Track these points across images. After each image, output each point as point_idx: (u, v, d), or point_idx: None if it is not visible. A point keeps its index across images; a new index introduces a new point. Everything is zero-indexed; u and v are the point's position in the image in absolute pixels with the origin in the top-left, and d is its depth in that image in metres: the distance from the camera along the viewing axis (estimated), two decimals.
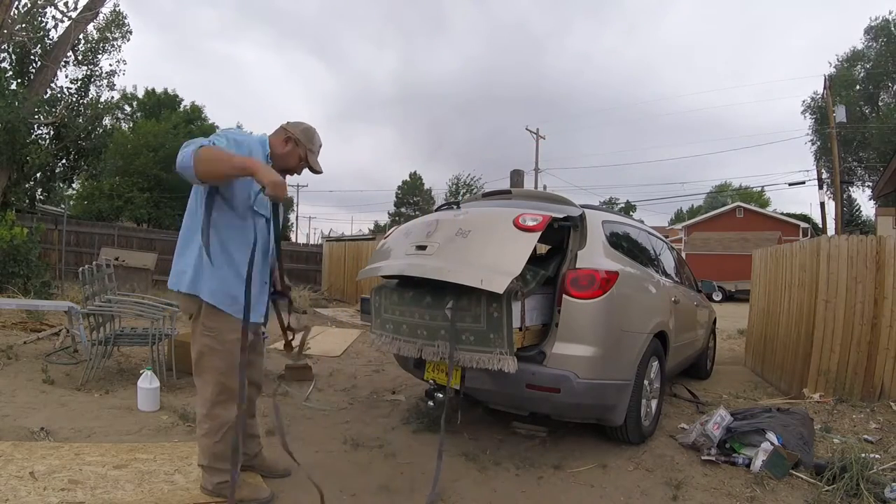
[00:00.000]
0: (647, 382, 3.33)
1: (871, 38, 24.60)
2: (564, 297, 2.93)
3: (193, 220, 2.15)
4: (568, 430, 3.43)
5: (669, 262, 4.67)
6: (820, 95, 22.71)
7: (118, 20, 12.64)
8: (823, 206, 19.33)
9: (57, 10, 11.03)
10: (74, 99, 12.19)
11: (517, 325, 2.75)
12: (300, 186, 37.97)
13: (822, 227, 20.12)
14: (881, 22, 24.10)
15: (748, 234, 24.03)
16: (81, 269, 4.30)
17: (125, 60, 12.86)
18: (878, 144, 23.24)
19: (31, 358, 4.48)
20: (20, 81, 11.28)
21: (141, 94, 24.83)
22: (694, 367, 5.29)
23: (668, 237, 6.13)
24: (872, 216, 24.14)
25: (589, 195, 36.73)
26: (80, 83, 12.31)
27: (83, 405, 3.46)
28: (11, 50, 11.07)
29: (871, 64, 24.55)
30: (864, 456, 2.77)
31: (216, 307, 2.14)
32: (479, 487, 2.65)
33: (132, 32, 12.95)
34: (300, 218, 41.69)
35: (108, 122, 13.61)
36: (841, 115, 19.15)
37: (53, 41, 11.34)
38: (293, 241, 30.23)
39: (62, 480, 2.31)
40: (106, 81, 12.75)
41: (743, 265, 14.33)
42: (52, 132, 11.65)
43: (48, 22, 11.20)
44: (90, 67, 12.45)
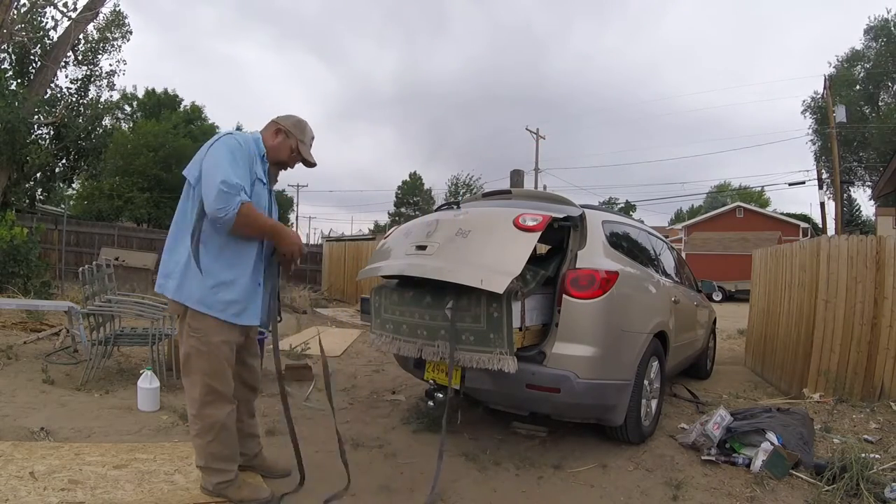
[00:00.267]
0: (647, 382, 3.33)
1: (870, 38, 24.61)
2: (564, 297, 2.93)
3: (184, 222, 2.15)
4: (568, 430, 3.43)
5: (669, 262, 4.67)
6: (820, 95, 22.72)
7: (118, 20, 12.66)
8: (823, 206, 19.35)
9: (57, 10, 11.05)
10: (74, 99, 12.20)
11: (517, 325, 2.75)
12: (300, 186, 38.02)
13: (822, 227, 20.13)
14: (881, 22, 24.12)
15: (748, 234, 24.03)
16: (81, 269, 4.30)
17: (125, 60, 12.90)
18: (878, 144, 23.25)
19: (31, 358, 4.48)
20: (20, 81, 11.29)
21: (141, 94, 24.88)
22: (694, 367, 5.29)
23: (668, 237, 6.13)
24: (872, 216, 24.20)
25: (589, 195, 36.78)
26: (80, 83, 12.32)
27: (83, 405, 3.46)
28: (11, 50, 11.07)
29: (871, 64, 24.55)
30: (864, 456, 2.77)
31: (201, 312, 2.14)
32: (479, 487, 2.65)
33: (132, 32, 12.98)
34: (300, 218, 41.74)
35: (108, 122, 13.63)
36: (841, 115, 19.15)
37: (53, 41, 11.35)
38: None
39: (62, 480, 2.31)
40: (106, 81, 12.78)
41: (743, 265, 14.33)
42: (52, 132, 11.66)
43: (48, 22, 11.23)
44: (90, 67, 12.46)
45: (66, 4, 11.03)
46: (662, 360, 3.62)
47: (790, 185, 20.77)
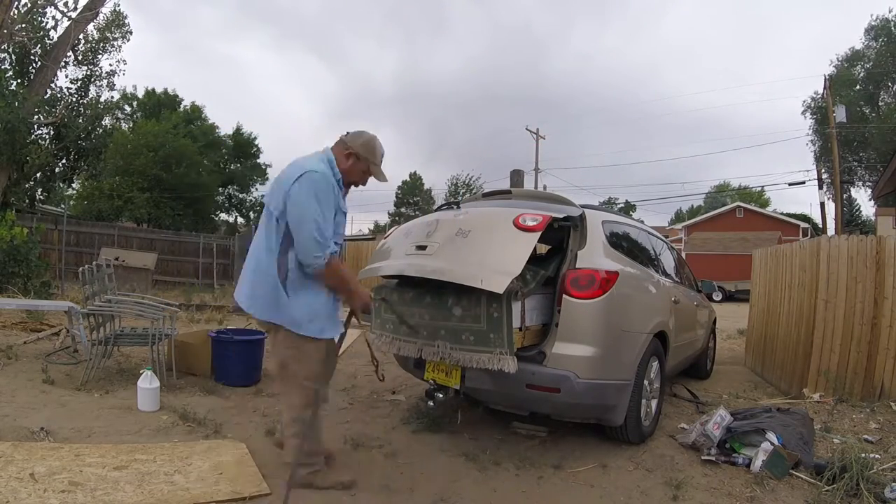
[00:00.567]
0: (647, 382, 3.33)
1: (871, 37, 24.62)
2: (564, 297, 2.93)
3: (268, 245, 2.30)
4: (568, 430, 3.43)
5: (669, 262, 4.67)
6: (820, 95, 22.73)
7: (118, 20, 12.67)
8: (823, 206, 19.37)
9: (57, 10, 11.06)
10: (74, 99, 12.21)
11: (517, 325, 2.75)
12: None
13: (822, 227, 20.14)
14: (881, 21, 24.12)
15: (748, 234, 24.03)
16: (81, 269, 4.30)
17: (125, 60, 12.91)
18: (878, 144, 23.26)
19: (31, 358, 4.48)
20: (20, 81, 11.29)
21: (141, 94, 24.90)
22: (694, 367, 5.28)
23: (668, 237, 6.13)
24: (872, 216, 24.21)
25: (589, 195, 36.71)
26: (80, 83, 12.33)
27: (83, 405, 3.46)
28: (11, 50, 11.08)
29: (871, 64, 24.55)
30: (864, 456, 2.77)
31: (293, 331, 2.34)
32: (479, 487, 2.65)
33: (132, 32, 13.00)
34: None
35: (107, 122, 13.65)
36: (841, 115, 19.16)
37: (53, 41, 11.35)
38: None
39: (62, 482, 2.31)
40: (106, 81, 12.79)
41: (743, 265, 14.32)
42: (52, 132, 11.67)
43: (48, 22, 11.23)
44: (90, 67, 12.47)
45: (66, 4, 11.05)
46: (662, 360, 3.61)
47: (790, 185, 20.78)
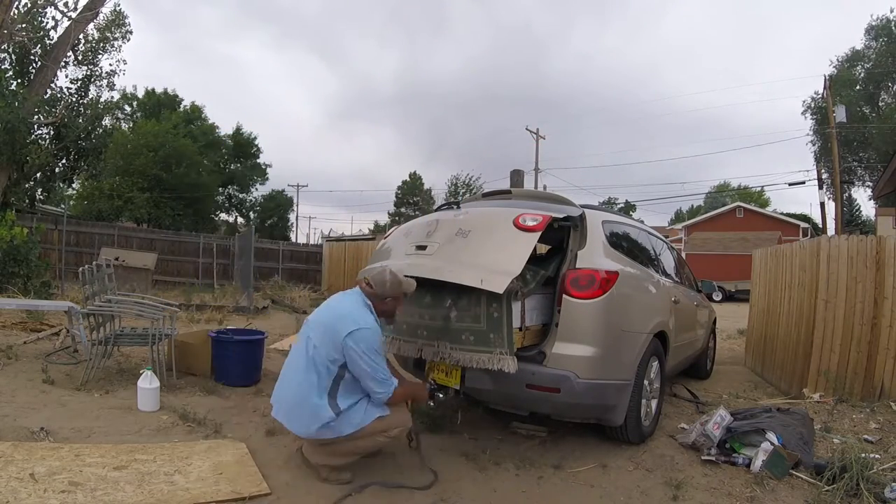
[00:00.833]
0: (647, 382, 3.33)
1: (871, 37, 24.60)
2: (564, 297, 2.93)
3: (319, 389, 2.49)
4: (568, 430, 3.43)
5: (669, 262, 4.66)
6: (820, 95, 22.71)
7: (118, 20, 12.65)
8: (823, 206, 19.35)
9: (57, 10, 11.05)
10: (74, 99, 12.20)
11: (517, 325, 2.75)
12: (300, 186, 38.01)
13: (822, 227, 20.13)
14: (882, 21, 24.10)
15: (748, 234, 24.02)
16: (81, 269, 4.29)
17: (125, 60, 12.89)
18: (878, 144, 23.24)
19: (31, 358, 4.48)
20: (20, 81, 11.29)
21: (141, 94, 24.91)
22: (694, 367, 5.29)
23: (668, 237, 6.13)
24: (872, 216, 24.18)
25: (589, 195, 36.68)
26: (80, 83, 12.32)
27: (83, 405, 3.46)
28: (11, 50, 11.07)
29: (871, 64, 24.54)
30: (864, 456, 2.77)
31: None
32: (479, 487, 2.65)
33: (132, 32, 12.98)
34: (300, 218, 41.76)
35: (107, 122, 13.63)
36: (841, 115, 19.14)
37: (53, 41, 11.34)
38: (293, 240, 30.27)
39: (62, 482, 2.31)
40: (106, 81, 12.78)
41: (743, 265, 14.32)
42: (52, 132, 11.66)
43: (48, 22, 11.22)
44: (90, 67, 12.46)
45: (66, 4, 11.04)
46: (662, 360, 3.61)
47: (790, 185, 20.74)
